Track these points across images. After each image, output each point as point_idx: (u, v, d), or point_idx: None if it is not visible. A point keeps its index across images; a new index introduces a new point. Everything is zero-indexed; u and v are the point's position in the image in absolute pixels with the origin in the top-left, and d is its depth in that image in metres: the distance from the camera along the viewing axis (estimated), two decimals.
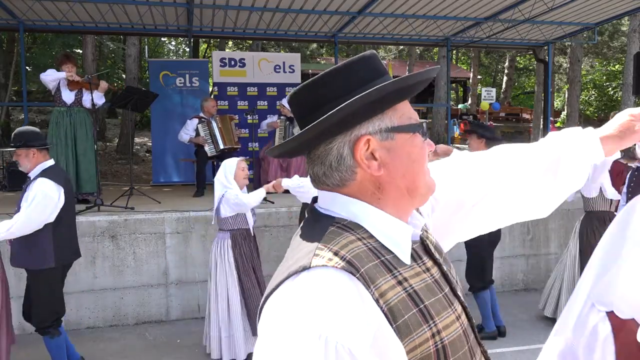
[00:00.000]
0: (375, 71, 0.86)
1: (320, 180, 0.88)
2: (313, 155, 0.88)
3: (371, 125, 0.85)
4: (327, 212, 0.87)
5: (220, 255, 4.11)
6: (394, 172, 0.86)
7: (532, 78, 30.18)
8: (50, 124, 6.03)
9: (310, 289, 0.75)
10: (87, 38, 12.87)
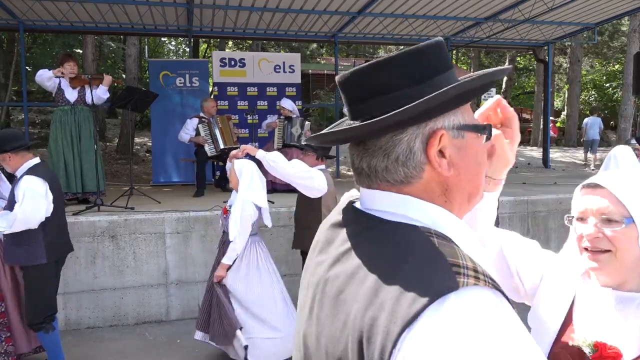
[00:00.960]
0: (446, 62, 0.80)
1: (377, 175, 0.78)
2: (372, 146, 0.78)
3: (446, 119, 0.78)
4: (400, 219, 0.76)
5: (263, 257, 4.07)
6: (463, 174, 0.79)
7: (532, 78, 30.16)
8: (52, 123, 6.02)
9: (475, 311, 0.64)
10: (87, 38, 12.87)
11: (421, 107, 0.73)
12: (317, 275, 0.82)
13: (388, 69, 0.77)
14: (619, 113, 17.25)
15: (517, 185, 8.08)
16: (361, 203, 0.84)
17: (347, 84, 0.81)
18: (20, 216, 3.50)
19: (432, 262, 0.68)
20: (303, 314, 0.84)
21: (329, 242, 0.83)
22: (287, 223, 5.57)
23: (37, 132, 15.56)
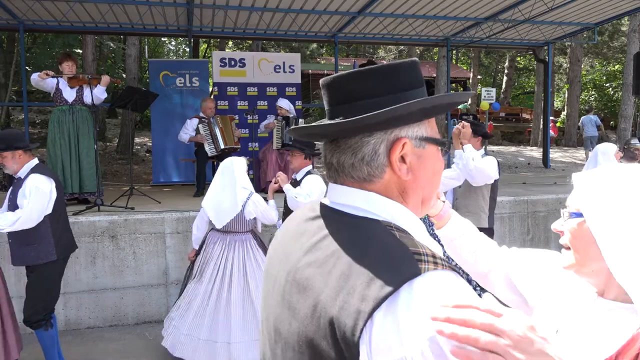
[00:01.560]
0: (419, 80, 0.89)
1: (344, 171, 0.88)
2: (342, 144, 0.87)
3: (411, 130, 0.87)
4: (363, 214, 0.86)
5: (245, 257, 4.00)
6: (419, 180, 0.89)
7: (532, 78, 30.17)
8: (50, 123, 6.01)
9: (439, 290, 0.73)
10: (87, 38, 12.86)
11: (388, 115, 0.82)
12: (288, 264, 0.89)
13: (366, 78, 0.87)
14: (619, 113, 17.26)
15: (517, 185, 8.08)
16: (329, 197, 0.93)
17: (330, 87, 0.90)
18: (26, 214, 3.52)
19: (396, 251, 0.78)
20: (272, 301, 0.92)
21: (301, 234, 0.91)
22: None
23: (37, 132, 15.57)
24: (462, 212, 4.44)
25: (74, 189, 5.93)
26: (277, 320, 0.88)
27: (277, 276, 0.92)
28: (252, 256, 4.03)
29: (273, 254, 0.99)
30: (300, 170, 4.28)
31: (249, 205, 3.97)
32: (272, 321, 0.90)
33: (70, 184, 5.89)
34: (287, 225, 1.00)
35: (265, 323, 0.95)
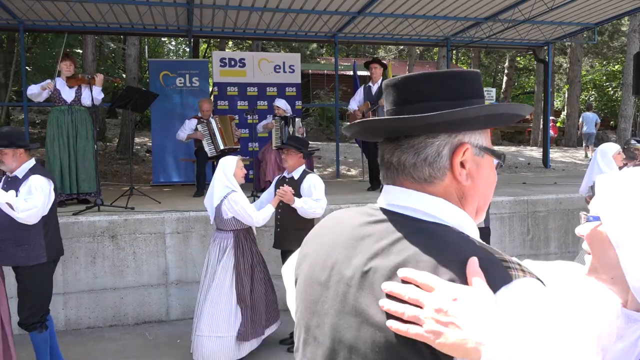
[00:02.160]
0: (481, 90, 0.92)
1: (404, 170, 0.89)
2: (405, 143, 0.88)
3: (473, 137, 0.89)
4: (430, 219, 0.86)
5: (221, 256, 4.09)
6: (476, 188, 0.90)
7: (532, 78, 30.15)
8: (49, 123, 6.00)
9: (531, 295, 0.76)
10: (87, 38, 12.86)
11: (458, 115, 0.84)
12: (349, 268, 0.87)
13: (436, 81, 0.89)
14: (618, 113, 17.25)
15: (517, 185, 8.08)
16: (386, 199, 0.93)
17: (397, 87, 0.92)
18: (38, 208, 3.52)
19: (484, 259, 0.78)
20: (327, 308, 0.90)
21: (361, 238, 0.89)
22: None
23: (37, 132, 15.56)
24: None
25: (72, 189, 5.93)
26: (337, 327, 0.86)
27: (329, 282, 0.90)
28: (225, 256, 4.08)
29: (316, 259, 0.96)
30: (296, 170, 4.31)
31: (224, 204, 4.00)
32: (329, 328, 0.88)
33: (68, 184, 5.89)
34: (332, 229, 0.98)
35: (314, 330, 0.92)
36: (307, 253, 1.01)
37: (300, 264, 1.01)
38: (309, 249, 1.01)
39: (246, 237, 4.16)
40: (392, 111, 0.92)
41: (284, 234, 4.31)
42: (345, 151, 13.64)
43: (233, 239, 4.09)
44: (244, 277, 4.07)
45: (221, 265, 4.06)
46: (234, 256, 4.06)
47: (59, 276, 5.01)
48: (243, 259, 4.08)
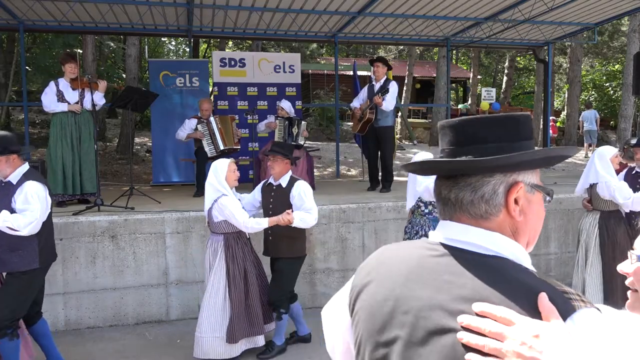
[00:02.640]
0: (530, 132, 1.01)
1: (461, 207, 0.96)
2: (461, 181, 0.96)
3: (527, 176, 0.97)
4: (488, 252, 0.92)
5: (213, 258, 4.12)
6: (528, 223, 0.97)
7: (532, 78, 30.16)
8: (52, 125, 5.98)
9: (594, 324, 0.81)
10: (87, 38, 12.86)
11: (520, 159, 0.93)
12: (414, 302, 0.91)
13: (491, 125, 0.97)
14: (618, 113, 17.26)
15: None
16: (443, 234, 0.99)
17: (455, 128, 1.00)
18: (37, 219, 3.47)
19: (548, 291, 0.83)
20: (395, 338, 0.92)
21: (421, 273, 0.94)
22: None
23: (37, 132, 15.56)
24: None
25: (75, 191, 5.93)
26: (405, 357, 0.90)
27: (395, 313, 0.94)
28: (216, 259, 4.10)
29: (378, 291, 0.99)
30: (283, 177, 4.30)
31: (215, 208, 4.00)
32: (397, 358, 0.91)
33: (71, 185, 5.90)
34: (392, 262, 1.02)
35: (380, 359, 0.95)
36: (365, 284, 1.03)
37: (359, 294, 1.03)
38: (367, 280, 1.03)
39: (237, 241, 4.14)
40: (449, 151, 0.99)
41: (276, 242, 4.30)
42: (345, 151, 13.64)
43: (223, 242, 4.09)
44: (235, 280, 4.08)
45: (214, 269, 4.09)
46: (224, 260, 4.07)
47: (59, 276, 5.02)
48: (233, 264, 4.08)
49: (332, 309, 1.17)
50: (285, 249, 4.31)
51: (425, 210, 4.58)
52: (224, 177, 4.05)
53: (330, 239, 5.75)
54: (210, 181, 4.06)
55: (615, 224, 4.72)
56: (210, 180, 4.07)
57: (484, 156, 0.92)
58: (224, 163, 4.10)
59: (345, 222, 5.82)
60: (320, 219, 5.71)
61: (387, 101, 6.75)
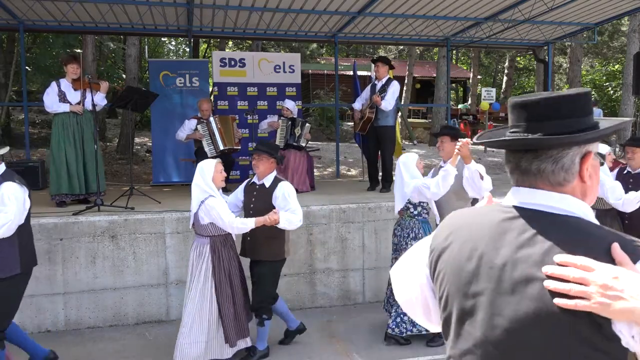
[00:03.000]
0: (592, 106, 1.14)
1: (542, 176, 1.10)
2: (542, 154, 1.09)
3: (594, 146, 1.12)
4: (563, 212, 1.07)
5: (198, 261, 4.00)
6: (592, 186, 1.13)
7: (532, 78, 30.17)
8: (54, 126, 5.98)
9: None
10: (87, 38, 12.86)
11: (600, 134, 1.10)
12: (499, 258, 1.06)
13: (565, 102, 1.10)
14: (618, 113, 17.26)
15: None
16: (517, 198, 1.14)
17: (530, 106, 1.12)
18: (12, 221, 3.34)
19: (620, 240, 0.99)
20: (482, 290, 1.07)
21: (504, 232, 1.08)
22: None
23: (37, 132, 15.57)
24: None
25: (81, 190, 5.93)
26: (495, 305, 1.05)
27: (479, 269, 1.09)
28: (203, 262, 3.98)
29: (461, 252, 1.14)
30: (267, 176, 4.21)
31: (201, 209, 3.91)
32: (486, 307, 1.06)
33: (77, 185, 5.89)
34: (470, 226, 1.17)
35: (469, 309, 1.10)
36: (446, 247, 1.18)
37: (440, 256, 1.18)
38: (448, 243, 1.18)
39: (223, 243, 4.05)
40: (526, 127, 1.11)
41: (254, 243, 4.20)
42: (345, 151, 13.64)
43: (210, 245, 3.99)
44: (222, 284, 4.00)
45: (200, 272, 3.98)
46: (211, 263, 3.97)
47: (59, 276, 5.02)
48: (220, 267, 3.99)
49: (406, 268, 1.33)
50: (264, 250, 4.21)
51: (415, 212, 4.54)
52: (211, 178, 3.96)
53: (330, 239, 5.75)
54: (196, 182, 3.97)
55: (610, 222, 4.78)
56: (196, 181, 3.97)
57: (564, 131, 1.07)
58: (210, 163, 4.02)
59: (345, 222, 5.82)
60: (320, 219, 5.71)
61: (386, 101, 6.74)
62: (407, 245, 4.47)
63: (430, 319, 1.30)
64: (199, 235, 4.06)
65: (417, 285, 1.28)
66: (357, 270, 5.82)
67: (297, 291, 5.66)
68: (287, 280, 5.58)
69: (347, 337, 4.80)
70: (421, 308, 1.30)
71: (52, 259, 4.99)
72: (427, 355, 4.38)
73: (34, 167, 7.75)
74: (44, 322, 5.01)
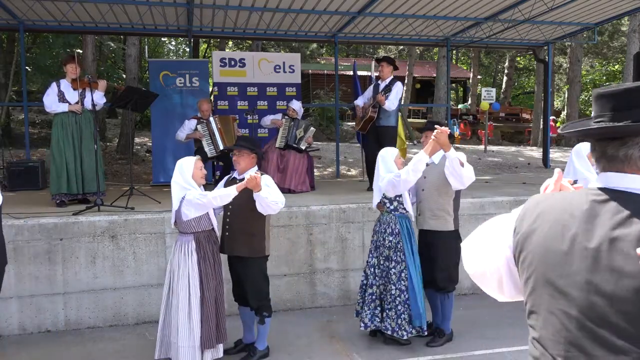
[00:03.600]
0: None
1: (629, 161, 1.15)
2: (629, 141, 1.14)
3: None
4: None
5: (184, 260, 3.89)
6: None
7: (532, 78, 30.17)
8: (54, 125, 5.99)
9: None
10: (87, 38, 12.86)
11: None
12: (594, 238, 1.11)
13: None
14: None
15: (517, 185, 8.09)
16: (605, 183, 1.18)
17: (617, 96, 1.17)
18: None
19: None
20: (577, 270, 1.12)
21: (597, 214, 1.13)
22: (286, 223, 5.57)
23: (37, 132, 15.57)
24: (427, 216, 4.47)
25: (79, 190, 5.93)
26: (591, 283, 1.09)
27: (573, 250, 1.14)
28: (189, 260, 3.88)
29: (550, 233, 1.19)
30: (248, 172, 4.08)
31: (183, 206, 3.83)
32: (581, 285, 1.11)
33: (74, 185, 5.90)
34: (558, 209, 1.21)
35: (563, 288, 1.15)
36: (533, 230, 1.23)
37: (526, 239, 1.23)
38: (535, 226, 1.23)
39: (208, 240, 3.97)
40: (610, 116, 1.16)
41: (233, 238, 4.09)
42: (345, 151, 13.64)
43: (194, 241, 3.90)
44: (209, 283, 3.90)
45: (187, 270, 3.86)
46: (197, 260, 3.88)
47: (59, 276, 5.02)
48: (205, 263, 3.90)
49: (482, 244, 1.39)
50: (243, 246, 4.08)
51: (391, 207, 4.42)
52: (191, 175, 3.90)
53: (330, 239, 5.75)
54: (175, 180, 3.88)
55: None
56: (175, 179, 3.89)
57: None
58: (189, 160, 3.95)
59: (345, 222, 5.82)
60: (320, 219, 5.71)
61: (390, 100, 6.71)
62: (385, 242, 4.39)
63: (502, 292, 1.37)
64: (182, 233, 3.96)
65: (494, 263, 1.34)
66: (357, 270, 5.82)
67: (297, 291, 5.66)
68: (287, 280, 5.59)
69: (347, 337, 4.80)
70: (495, 282, 1.36)
71: (52, 259, 4.99)
72: (427, 355, 4.38)
73: (34, 167, 7.75)
74: (44, 322, 5.01)
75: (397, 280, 4.32)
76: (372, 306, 4.44)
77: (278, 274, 5.58)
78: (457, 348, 4.50)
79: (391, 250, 4.36)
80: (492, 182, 8.79)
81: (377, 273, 4.44)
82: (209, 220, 4.00)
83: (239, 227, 4.05)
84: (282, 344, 4.59)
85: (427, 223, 4.47)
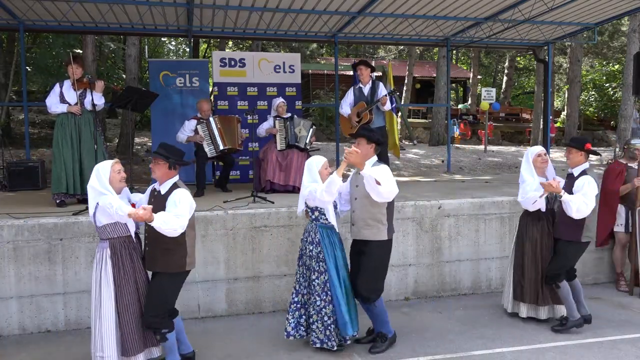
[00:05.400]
0: None
1: None
2: None
3: None
4: None
5: (99, 267, 3.79)
6: None
7: (532, 78, 30.18)
8: (55, 126, 6.04)
9: None
10: (87, 38, 12.86)
11: None
12: None
13: None
14: (618, 113, 17.26)
15: (517, 185, 8.06)
16: None
17: None
18: None
19: None
20: None
21: None
22: (286, 223, 5.56)
23: (37, 132, 15.58)
24: (359, 226, 4.41)
25: (76, 190, 5.93)
26: None
27: None
28: (102, 267, 3.78)
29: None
30: (165, 182, 3.88)
31: (98, 210, 3.72)
32: None
33: (72, 184, 5.90)
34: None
35: None
36: None
37: None
38: None
39: (124, 245, 3.82)
40: None
41: (151, 253, 3.89)
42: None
43: (109, 248, 3.79)
44: (124, 289, 3.78)
45: (103, 278, 3.77)
46: (111, 267, 3.76)
47: (59, 276, 5.02)
48: (120, 270, 3.77)
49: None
50: (160, 261, 3.85)
51: (312, 216, 4.36)
52: (108, 180, 3.71)
53: None
54: (92, 184, 3.70)
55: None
56: (91, 183, 3.71)
57: None
58: (106, 165, 3.77)
59: (345, 222, 5.81)
60: None
61: (388, 101, 6.86)
62: (306, 251, 4.32)
63: None
64: (101, 240, 3.85)
65: None
66: None
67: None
68: (287, 280, 5.58)
69: None
70: None
71: (52, 259, 4.99)
72: (427, 355, 4.38)
73: (34, 167, 7.75)
74: (44, 322, 5.01)
75: (322, 292, 4.24)
76: (296, 315, 4.37)
77: (278, 274, 5.58)
78: (457, 348, 4.50)
79: (312, 259, 4.28)
80: (492, 182, 8.79)
81: (302, 282, 4.38)
82: (126, 226, 3.83)
83: (156, 244, 3.83)
84: (282, 343, 4.59)
85: (361, 233, 4.36)
